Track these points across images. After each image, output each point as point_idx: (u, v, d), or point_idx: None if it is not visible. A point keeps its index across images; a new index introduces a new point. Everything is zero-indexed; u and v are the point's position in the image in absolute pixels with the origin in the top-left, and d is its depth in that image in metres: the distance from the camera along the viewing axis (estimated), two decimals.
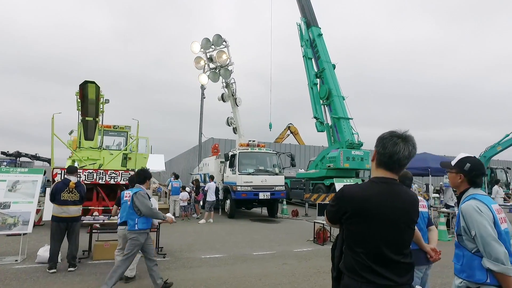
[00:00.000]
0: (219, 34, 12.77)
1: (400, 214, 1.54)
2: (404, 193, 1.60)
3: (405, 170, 3.36)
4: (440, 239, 8.36)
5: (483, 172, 2.20)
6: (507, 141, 17.97)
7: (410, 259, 1.58)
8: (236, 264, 5.83)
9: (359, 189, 1.61)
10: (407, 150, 1.58)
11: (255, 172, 12.01)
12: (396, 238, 1.53)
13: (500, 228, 1.97)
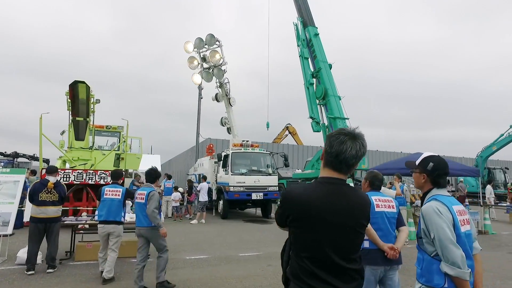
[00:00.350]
0: (212, 34, 12.72)
1: (346, 217, 1.44)
2: (352, 194, 1.50)
3: (375, 171, 3.32)
4: None
5: (446, 172, 2.11)
6: (501, 140, 17.90)
7: (359, 265, 1.49)
8: (220, 266, 5.76)
9: (303, 190, 1.52)
10: (355, 149, 1.47)
11: (248, 173, 11.95)
12: (342, 243, 1.44)
13: (460, 231, 1.89)
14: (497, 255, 6.90)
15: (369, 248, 2.81)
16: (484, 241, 8.48)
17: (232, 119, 14.17)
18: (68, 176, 9.09)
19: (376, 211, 2.85)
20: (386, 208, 2.91)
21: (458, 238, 1.86)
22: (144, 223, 4.34)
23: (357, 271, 1.47)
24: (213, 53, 12.88)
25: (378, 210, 2.87)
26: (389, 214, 2.91)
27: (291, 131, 33.78)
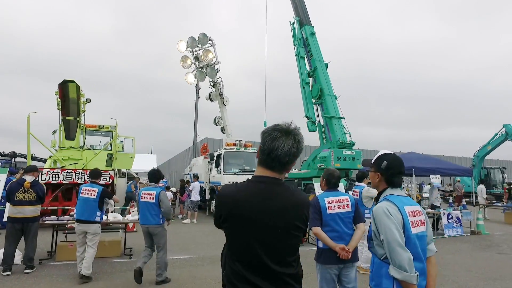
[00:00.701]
0: (204, 33, 12.67)
1: (277, 218, 1.35)
2: (286, 194, 1.40)
3: (331, 168, 3.25)
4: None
5: (401, 171, 2.02)
6: (495, 140, 17.80)
7: (295, 269, 1.40)
8: (202, 266, 5.70)
9: (234, 190, 1.45)
10: (287, 146, 1.38)
11: (240, 172, 11.89)
12: (274, 245, 1.35)
13: (410, 232, 1.80)
14: (486, 255, 6.81)
15: (323, 248, 2.83)
16: (475, 241, 8.39)
17: (225, 119, 14.11)
18: (57, 175, 9.07)
19: (328, 214, 2.83)
20: (340, 208, 2.87)
21: (408, 240, 1.79)
22: (152, 221, 4.61)
23: (292, 276, 1.38)
24: (205, 52, 12.82)
25: (330, 212, 2.84)
26: (343, 215, 2.87)
27: None
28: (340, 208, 2.87)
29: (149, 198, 4.60)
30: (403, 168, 2.04)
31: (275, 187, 1.41)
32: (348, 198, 2.96)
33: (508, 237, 9.19)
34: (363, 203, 5.45)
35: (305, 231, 1.48)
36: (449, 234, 9.07)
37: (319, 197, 2.94)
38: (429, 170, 9.22)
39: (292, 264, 1.39)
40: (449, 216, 9.37)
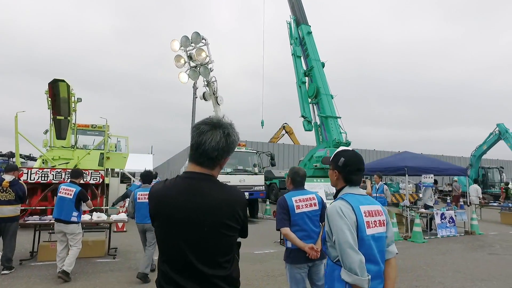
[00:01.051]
0: (197, 32, 12.58)
1: (203, 216, 1.27)
2: (216, 191, 1.33)
3: (296, 167, 3.18)
4: (415, 240, 8.08)
5: (359, 168, 1.91)
6: (490, 139, 17.73)
7: (227, 271, 1.31)
8: None
9: (162, 187, 1.39)
10: (215, 140, 1.32)
11: (233, 172, 11.81)
12: (201, 245, 1.27)
13: (364, 233, 1.71)
14: (477, 256, 6.70)
15: (291, 248, 2.79)
16: (468, 241, 8.28)
17: None
18: (47, 175, 9.02)
19: (296, 213, 2.77)
20: (308, 207, 2.80)
21: (362, 241, 1.70)
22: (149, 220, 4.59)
23: (223, 278, 1.30)
24: (199, 51, 12.72)
25: (298, 212, 2.78)
26: (311, 213, 2.81)
27: (288, 131, 33.62)
28: (308, 206, 2.82)
29: (145, 198, 4.81)
30: (362, 165, 1.95)
31: (203, 183, 1.33)
32: (315, 196, 2.90)
33: (502, 237, 9.07)
34: None
35: (240, 230, 1.40)
36: (442, 234, 8.96)
37: (287, 196, 2.87)
38: (422, 170, 9.12)
39: (223, 266, 1.31)
40: (442, 216, 9.26)
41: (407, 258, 6.36)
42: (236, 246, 1.51)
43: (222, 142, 1.33)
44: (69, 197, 4.62)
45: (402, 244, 7.80)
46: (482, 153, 18.67)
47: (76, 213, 4.66)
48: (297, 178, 2.96)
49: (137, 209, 4.93)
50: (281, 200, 2.85)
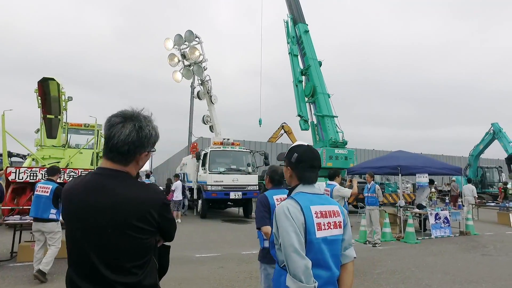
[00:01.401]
0: (190, 30, 12.51)
1: (105, 215, 1.16)
2: (123, 189, 1.20)
3: (275, 165, 3.05)
4: (408, 241, 7.94)
5: (313, 164, 1.74)
6: (485, 139, 17.58)
7: (137, 277, 1.18)
8: (169, 267, 5.50)
9: (72, 183, 1.29)
10: (124, 133, 1.21)
11: (226, 171, 11.70)
12: (105, 248, 1.16)
13: (314, 236, 1.55)
14: (469, 257, 6.56)
15: (268, 248, 2.62)
16: (462, 242, 8.13)
17: (214, 117, 13.94)
18: (35, 174, 8.93)
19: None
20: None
21: (310, 244, 1.54)
22: None
23: (131, 286, 1.17)
24: (192, 49, 12.65)
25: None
26: None
27: (287, 130, 33.44)
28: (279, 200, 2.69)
29: None
30: (317, 161, 1.79)
31: (111, 180, 1.21)
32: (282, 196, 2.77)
33: (497, 237, 8.91)
34: None
35: (159, 233, 1.28)
36: (436, 235, 8.82)
37: (268, 194, 2.74)
38: (416, 169, 8.97)
39: (132, 272, 1.18)
40: (436, 216, 9.11)
41: (396, 259, 6.22)
42: (161, 251, 1.39)
43: (132, 136, 1.22)
44: (45, 195, 4.53)
45: (394, 245, 7.67)
46: (480, 153, 18.50)
47: (54, 211, 4.56)
48: (275, 177, 2.84)
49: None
50: (262, 197, 2.72)
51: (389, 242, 7.98)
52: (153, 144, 1.31)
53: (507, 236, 9.28)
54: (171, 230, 1.38)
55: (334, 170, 5.63)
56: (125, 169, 1.25)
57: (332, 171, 5.60)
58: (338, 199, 5.21)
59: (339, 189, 5.22)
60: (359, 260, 6.16)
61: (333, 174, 5.50)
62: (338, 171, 5.62)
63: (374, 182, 7.84)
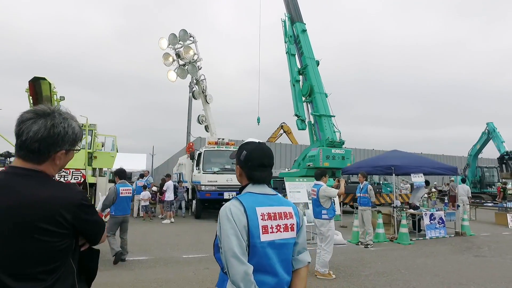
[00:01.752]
0: (185, 29, 12.44)
1: (6, 217, 1.07)
2: (29, 189, 1.11)
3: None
4: (401, 242, 7.82)
5: (263, 163, 1.61)
6: (481, 138, 17.41)
7: (44, 283, 1.10)
8: (154, 268, 5.44)
9: None
10: (33, 130, 1.13)
11: (220, 171, 11.62)
12: (3, 253, 1.07)
13: (257, 240, 1.44)
14: (461, 258, 6.43)
15: None
16: (456, 243, 8.01)
17: (209, 117, 13.87)
18: None
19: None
20: None
21: (254, 249, 1.43)
22: (128, 212, 6.06)
23: None
24: (186, 49, 12.58)
25: None
26: None
27: (286, 130, 33.36)
28: None
29: (127, 192, 5.89)
30: (268, 159, 1.65)
31: (18, 179, 1.13)
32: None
33: (493, 238, 8.77)
34: (321, 203, 5.13)
35: (67, 235, 1.17)
36: (431, 236, 8.69)
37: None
38: (410, 169, 8.85)
39: (39, 278, 1.09)
40: (431, 216, 8.99)
41: (387, 261, 6.11)
42: (87, 255, 1.30)
43: (42, 133, 1.14)
44: None
45: (386, 246, 7.55)
46: (477, 152, 18.33)
47: None
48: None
49: (120, 203, 5.76)
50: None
51: (382, 243, 7.86)
52: (71, 143, 1.22)
53: (504, 236, 9.14)
54: (93, 233, 1.28)
55: (321, 170, 5.54)
56: (39, 168, 1.17)
57: (319, 171, 5.50)
58: (325, 199, 5.11)
59: (325, 189, 5.13)
60: (348, 261, 6.06)
61: (319, 174, 5.40)
62: (325, 171, 5.53)
63: (367, 182, 7.72)
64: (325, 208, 5.14)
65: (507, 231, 10.13)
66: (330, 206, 5.14)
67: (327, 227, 5.08)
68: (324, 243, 5.08)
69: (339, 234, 7.86)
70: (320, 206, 5.16)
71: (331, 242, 5.07)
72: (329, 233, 5.06)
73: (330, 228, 5.09)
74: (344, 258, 6.31)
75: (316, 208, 5.22)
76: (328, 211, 5.14)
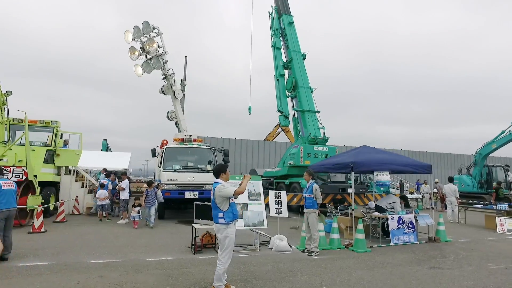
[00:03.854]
0: (147, 21, 11.87)
1: None
2: None
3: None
4: (356, 249, 6.88)
5: None
6: (502, 138, 15.70)
7: None
8: (42, 275, 4.82)
9: None
10: None
11: (181, 169, 10.98)
12: None
13: None
14: (410, 271, 5.46)
15: None
16: (422, 251, 6.99)
17: (179, 113, 13.28)
18: None
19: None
20: None
21: None
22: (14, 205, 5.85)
23: None
24: (150, 41, 12.02)
25: None
26: None
27: (284, 128, 32.37)
28: None
29: (10, 185, 5.81)
30: None
31: None
32: None
33: (470, 245, 7.66)
34: (217, 204, 4.35)
35: None
36: (396, 242, 7.68)
37: None
38: (372, 166, 7.88)
39: None
40: (400, 220, 7.97)
41: (318, 274, 5.21)
42: None
43: None
44: None
45: (336, 254, 6.62)
46: (490, 152, 16.73)
47: None
48: None
49: (3, 195, 5.53)
50: None
51: (336, 251, 6.94)
52: None
53: (484, 243, 7.99)
54: None
55: (221, 165, 4.71)
56: None
57: (218, 166, 4.67)
58: (221, 200, 4.31)
59: (221, 188, 4.33)
60: (271, 272, 5.24)
61: (218, 170, 4.59)
62: (225, 166, 4.71)
63: (313, 181, 6.83)
64: (222, 211, 4.34)
65: (493, 236, 8.92)
66: (228, 208, 4.34)
67: (224, 233, 4.29)
68: (220, 251, 4.31)
69: (284, 240, 7.02)
70: (217, 208, 4.37)
71: (228, 251, 4.28)
72: (226, 240, 4.27)
73: (228, 235, 4.29)
74: (272, 268, 5.49)
75: (213, 210, 4.44)
76: (226, 214, 4.34)
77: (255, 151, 26.42)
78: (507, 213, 9.57)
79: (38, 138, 11.68)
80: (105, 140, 25.16)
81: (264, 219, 6.97)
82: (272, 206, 7.39)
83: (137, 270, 5.19)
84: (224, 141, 24.76)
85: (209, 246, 6.93)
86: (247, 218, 6.87)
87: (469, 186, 18.04)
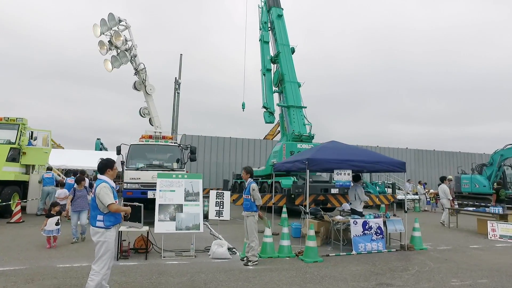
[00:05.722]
0: (112, 13, 11.38)
1: None
2: None
3: None
4: (305, 259, 5.98)
5: None
6: None
7: None
8: None
9: None
10: None
11: (144, 167, 10.38)
12: None
13: None
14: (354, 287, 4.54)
15: None
16: (381, 262, 6.00)
17: (151, 109, 12.72)
18: None
19: None
20: None
21: None
22: None
23: None
24: (116, 35, 11.53)
25: None
26: None
27: None
28: None
29: None
30: None
31: None
32: None
33: (445, 255, 6.57)
34: (97, 205, 3.66)
35: None
36: (360, 250, 6.72)
37: None
38: (331, 163, 6.95)
39: None
40: (365, 225, 7.00)
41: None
42: None
43: None
44: None
45: (277, 264, 5.74)
46: None
47: None
48: None
49: None
50: None
51: (281, 260, 6.07)
52: None
53: (465, 252, 6.86)
54: None
55: (107, 160, 4.01)
56: None
57: (105, 161, 3.97)
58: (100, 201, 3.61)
59: (101, 191, 3.59)
60: (176, 286, 4.47)
61: (104, 165, 3.88)
62: (111, 162, 4.00)
63: (252, 180, 6.01)
64: (102, 213, 3.65)
65: (480, 243, 7.74)
66: (109, 211, 3.64)
67: (102, 237, 3.59)
68: (95, 259, 3.61)
69: (224, 246, 6.22)
70: (96, 209, 3.68)
71: (105, 259, 3.58)
72: (103, 246, 3.57)
73: (106, 239, 3.59)
74: (187, 279, 4.73)
75: (92, 211, 3.75)
76: (106, 217, 3.64)
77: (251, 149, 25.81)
78: (501, 217, 8.33)
79: (3, 136, 11.41)
80: (98, 139, 25.15)
81: (200, 223, 6.21)
82: (213, 208, 6.61)
83: (29, 280, 4.55)
84: (219, 140, 24.36)
85: (141, 251, 6.26)
86: (180, 220, 6.13)
87: (485, 187, 16.39)
